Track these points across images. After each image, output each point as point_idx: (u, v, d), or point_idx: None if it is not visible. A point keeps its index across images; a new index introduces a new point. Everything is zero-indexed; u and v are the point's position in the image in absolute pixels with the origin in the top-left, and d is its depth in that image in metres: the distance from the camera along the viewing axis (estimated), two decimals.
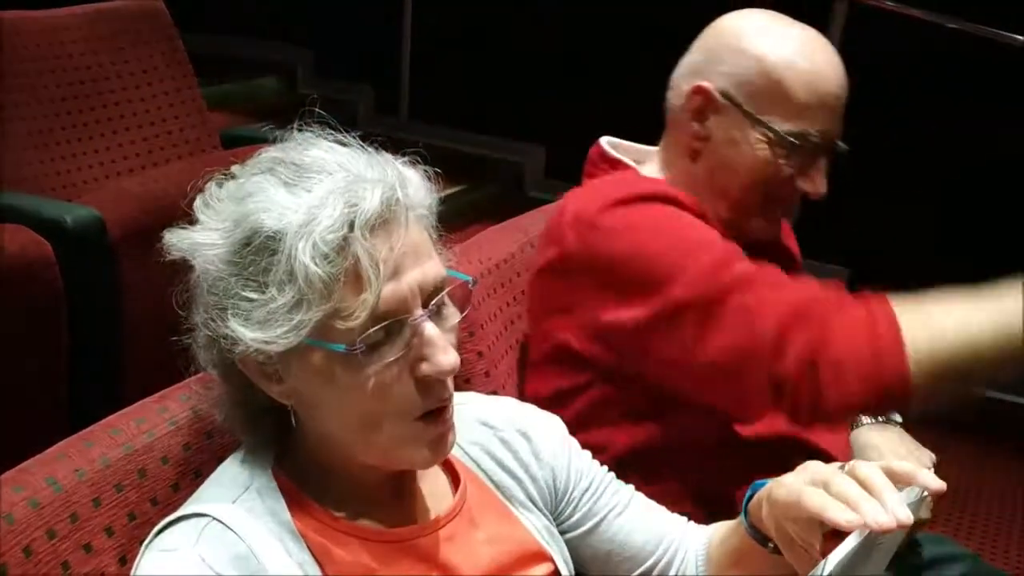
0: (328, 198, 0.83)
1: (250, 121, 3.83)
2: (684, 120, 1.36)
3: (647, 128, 1.46)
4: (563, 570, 1.05)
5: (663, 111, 1.41)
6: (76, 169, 2.52)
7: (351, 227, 0.82)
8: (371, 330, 0.83)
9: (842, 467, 0.85)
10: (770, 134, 1.31)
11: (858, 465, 0.83)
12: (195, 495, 0.92)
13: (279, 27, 4.63)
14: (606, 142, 1.48)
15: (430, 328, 0.86)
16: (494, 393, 1.29)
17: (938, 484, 0.83)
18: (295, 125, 0.92)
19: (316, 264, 0.81)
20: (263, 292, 0.83)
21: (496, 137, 4.32)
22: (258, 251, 0.84)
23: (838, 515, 0.79)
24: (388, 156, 0.91)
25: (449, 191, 3.83)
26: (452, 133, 4.33)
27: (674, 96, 1.39)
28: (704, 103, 1.34)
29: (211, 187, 0.90)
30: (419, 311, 0.86)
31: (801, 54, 1.31)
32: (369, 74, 4.56)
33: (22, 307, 1.84)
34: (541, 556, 1.03)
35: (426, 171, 0.94)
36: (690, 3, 3.71)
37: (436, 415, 0.89)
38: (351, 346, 0.83)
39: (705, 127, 1.35)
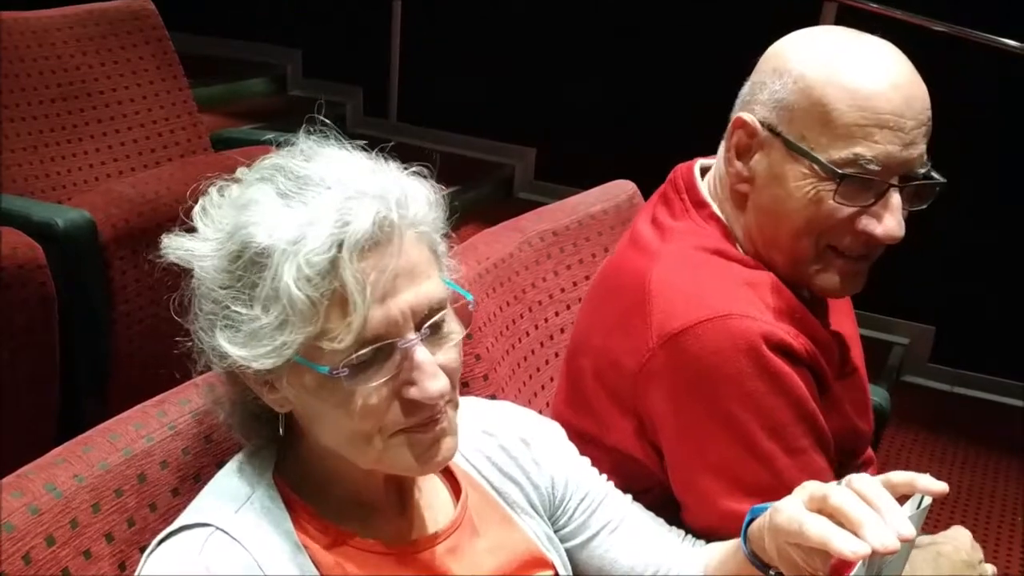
0: (320, 215, 0.81)
1: (239, 122, 3.82)
2: (731, 160, 1.18)
3: (638, 130, 1.45)
4: None
5: (655, 112, 1.33)
6: (67, 171, 2.51)
7: (340, 248, 0.80)
8: (358, 353, 0.82)
9: (839, 483, 0.84)
10: (814, 165, 1.10)
11: (855, 479, 0.83)
12: (195, 502, 0.91)
13: (268, 28, 4.62)
14: (700, 171, 1.26)
15: (420, 353, 0.84)
16: (493, 397, 1.28)
17: (939, 487, 0.83)
18: (303, 129, 0.90)
19: (299, 287, 0.79)
20: (251, 308, 0.82)
21: (485, 139, 4.31)
22: (248, 266, 0.82)
23: (843, 546, 0.78)
24: (393, 168, 0.89)
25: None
26: (441, 135, 4.32)
27: (727, 134, 1.22)
28: (746, 137, 1.16)
29: (212, 193, 0.89)
30: (411, 334, 0.84)
31: (849, 66, 1.09)
32: (358, 76, 4.54)
33: (13, 310, 1.83)
34: (542, 562, 1.03)
35: (427, 181, 0.90)
36: (681, 6, 3.75)
37: (427, 424, 0.87)
38: (335, 368, 0.82)
39: (749, 167, 1.17)
